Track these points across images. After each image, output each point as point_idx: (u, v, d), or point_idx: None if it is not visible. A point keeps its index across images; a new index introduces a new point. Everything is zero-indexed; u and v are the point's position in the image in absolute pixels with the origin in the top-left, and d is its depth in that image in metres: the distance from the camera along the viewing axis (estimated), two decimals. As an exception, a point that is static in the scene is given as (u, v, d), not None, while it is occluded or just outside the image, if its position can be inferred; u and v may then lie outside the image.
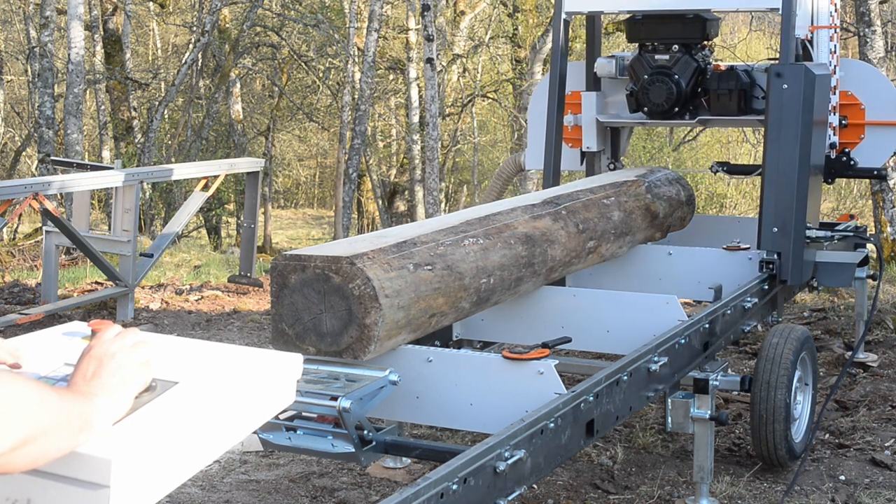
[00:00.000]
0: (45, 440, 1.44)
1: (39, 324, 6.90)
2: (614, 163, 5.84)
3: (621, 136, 5.93)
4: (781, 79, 4.69)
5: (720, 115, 5.31)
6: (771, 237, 4.70)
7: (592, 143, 5.70)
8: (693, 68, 5.31)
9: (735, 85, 5.23)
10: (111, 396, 1.56)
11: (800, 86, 4.64)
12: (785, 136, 4.68)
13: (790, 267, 4.68)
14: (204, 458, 1.64)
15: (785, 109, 4.66)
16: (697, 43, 5.34)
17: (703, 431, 3.77)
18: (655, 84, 5.29)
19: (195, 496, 4.20)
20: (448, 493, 2.47)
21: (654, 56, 5.35)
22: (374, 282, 3.08)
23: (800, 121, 4.66)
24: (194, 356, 1.78)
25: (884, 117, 5.45)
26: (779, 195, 4.69)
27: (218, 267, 10.08)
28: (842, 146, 5.46)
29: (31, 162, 21.14)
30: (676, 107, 5.30)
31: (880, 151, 5.48)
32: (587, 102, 5.68)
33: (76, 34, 13.62)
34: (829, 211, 20.87)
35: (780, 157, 4.68)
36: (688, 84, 5.29)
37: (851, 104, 5.47)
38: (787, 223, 4.69)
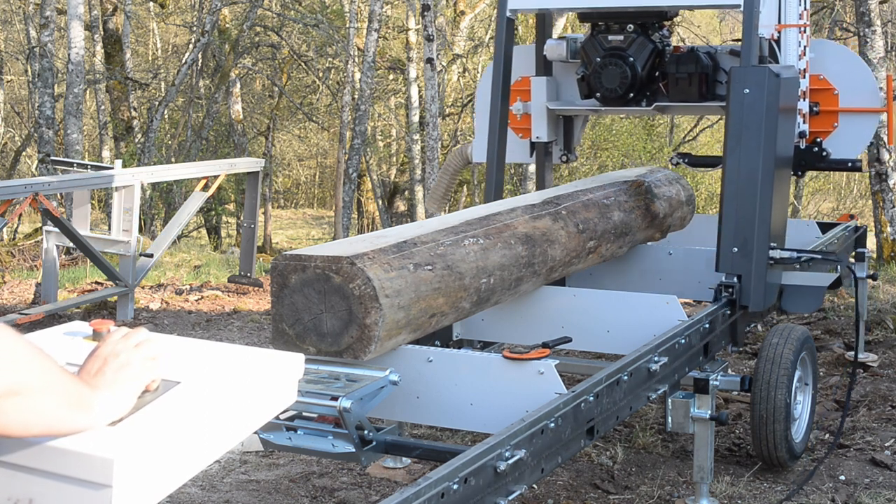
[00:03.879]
0: (37, 399, 1.45)
1: (39, 324, 6.90)
2: (567, 154, 5.44)
3: (575, 125, 5.49)
4: (743, 82, 4.24)
5: (679, 101, 4.88)
6: (730, 258, 4.23)
7: (543, 133, 5.26)
8: (649, 50, 4.85)
9: (696, 68, 4.79)
10: (114, 390, 1.57)
11: (762, 90, 4.20)
12: (746, 147, 4.23)
13: (752, 291, 4.21)
14: (206, 458, 1.64)
15: (746, 116, 4.21)
16: (655, 23, 4.89)
17: (703, 431, 3.77)
18: (608, 67, 4.84)
19: (195, 496, 4.20)
20: (448, 492, 2.47)
21: (607, 37, 4.89)
22: (375, 282, 3.08)
23: (762, 129, 4.21)
24: (196, 356, 1.78)
25: (859, 103, 5.02)
26: (739, 212, 4.23)
27: (218, 267, 10.09)
28: (813, 135, 5.04)
29: (31, 162, 21.13)
30: (631, 92, 4.86)
31: (855, 141, 5.07)
32: (537, 88, 5.23)
33: (76, 34, 13.63)
34: (829, 211, 20.88)
35: (740, 169, 4.22)
36: (644, 67, 4.85)
37: (823, 89, 5.03)
38: (748, 242, 4.22)
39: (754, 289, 4.22)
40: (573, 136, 5.47)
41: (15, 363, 1.43)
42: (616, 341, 4.06)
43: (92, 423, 1.52)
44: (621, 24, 4.85)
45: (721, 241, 4.26)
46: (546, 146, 5.35)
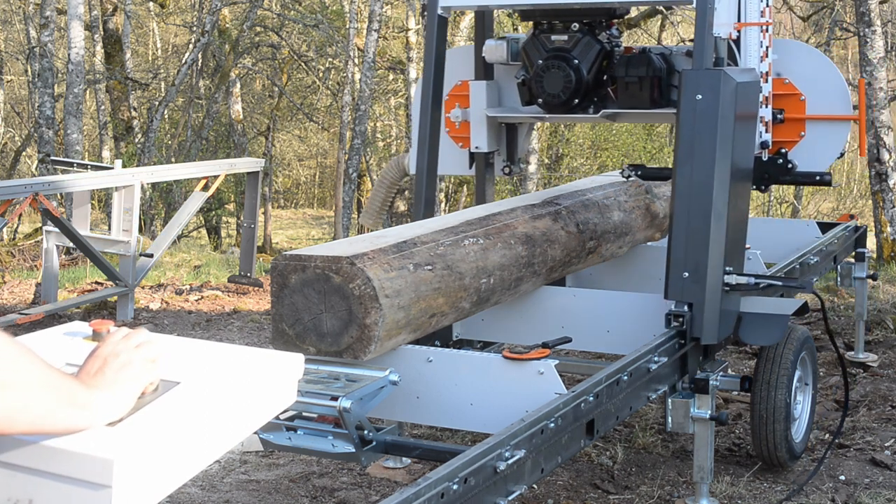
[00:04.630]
0: (23, 395, 1.45)
1: (39, 324, 6.91)
2: (510, 166, 4.92)
3: (519, 133, 4.98)
4: (695, 87, 3.76)
5: (630, 107, 4.40)
6: (680, 284, 3.78)
7: (482, 143, 4.76)
8: (596, 51, 4.38)
9: (647, 71, 4.32)
10: (114, 391, 1.57)
11: (717, 96, 3.72)
12: (699, 159, 3.74)
13: (704, 322, 3.77)
14: (206, 458, 1.65)
15: (699, 124, 3.74)
16: (602, 21, 4.42)
17: (703, 431, 3.77)
18: (551, 71, 4.36)
19: (195, 496, 4.20)
20: (448, 493, 2.47)
21: (550, 37, 4.42)
22: (375, 282, 3.09)
23: (717, 139, 3.73)
24: (196, 356, 1.78)
25: (828, 110, 4.48)
26: (691, 232, 3.76)
27: (218, 267, 10.09)
28: (777, 145, 4.50)
29: (31, 162, 21.14)
30: (577, 98, 4.38)
31: (824, 152, 4.52)
32: (475, 94, 4.75)
33: (76, 34, 13.63)
34: (829, 211, 20.88)
35: (692, 184, 3.76)
36: (590, 70, 4.37)
37: (788, 94, 4.50)
38: (700, 266, 3.75)
39: (707, 319, 3.76)
40: (517, 146, 4.97)
41: None
42: (616, 341, 4.06)
43: (89, 422, 1.52)
44: (565, 22, 4.40)
45: (670, 264, 3.80)
46: (486, 157, 4.87)
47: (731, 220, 3.84)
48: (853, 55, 21.70)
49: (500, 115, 4.78)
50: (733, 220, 3.86)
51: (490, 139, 4.79)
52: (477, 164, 4.89)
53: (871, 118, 10.16)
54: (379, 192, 5.47)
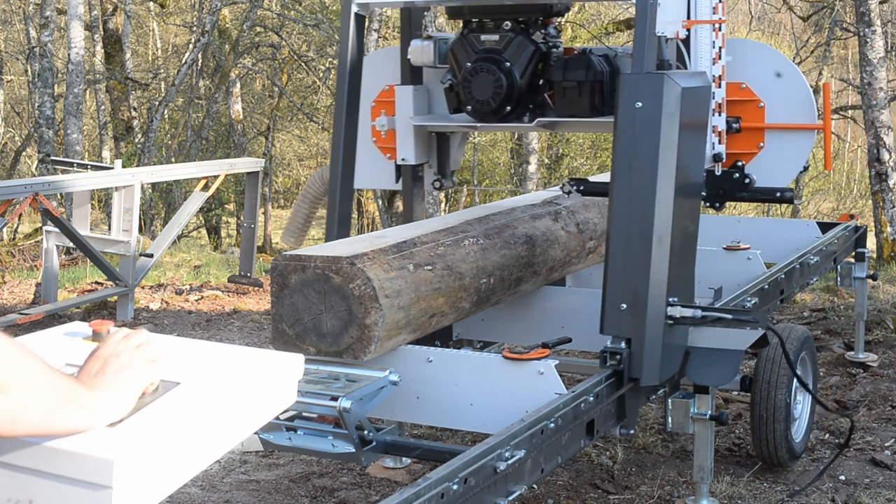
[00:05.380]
0: (25, 397, 1.45)
1: (39, 324, 6.91)
2: (441, 179, 4.45)
3: (451, 143, 4.48)
4: (634, 93, 3.33)
5: (568, 115, 3.93)
6: (617, 317, 3.34)
7: (409, 154, 4.29)
8: (530, 53, 3.90)
9: (587, 75, 3.85)
10: (114, 391, 1.57)
11: (658, 103, 3.29)
12: (638, 175, 3.32)
13: (644, 360, 3.34)
14: (206, 459, 1.65)
15: (639, 136, 3.32)
16: (538, 19, 3.97)
17: (703, 431, 3.77)
18: (479, 74, 3.90)
19: (195, 496, 4.20)
20: (448, 493, 2.47)
21: (479, 37, 3.96)
22: (375, 282, 3.09)
23: (659, 152, 3.30)
24: (196, 357, 1.78)
25: (790, 118, 4.04)
26: (629, 257, 3.33)
27: (218, 267, 10.09)
28: (732, 158, 4.04)
29: (31, 162, 21.14)
30: (508, 105, 3.91)
31: (785, 165, 4.06)
32: (401, 100, 4.28)
33: (76, 34, 13.63)
34: (829, 211, 20.89)
35: (631, 203, 3.33)
36: (523, 74, 3.90)
37: (746, 101, 4.07)
38: (639, 297, 3.32)
39: (647, 357, 3.33)
40: (449, 158, 4.47)
41: (0, 361, 1.44)
42: (616, 341, 4.05)
43: (90, 423, 1.53)
44: (497, 21, 3.95)
45: (606, 294, 3.37)
46: (415, 169, 4.40)
47: (677, 243, 3.39)
48: (853, 55, 21.70)
49: (427, 123, 4.31)
50: (679, 244, 3.43)
51: (418, 150, 4.32)
52: (404, 177, 4.41)
53: (871, 118, 10.16)
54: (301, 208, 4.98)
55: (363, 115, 4.23)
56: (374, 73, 4.29)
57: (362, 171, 4.24)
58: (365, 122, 4.27)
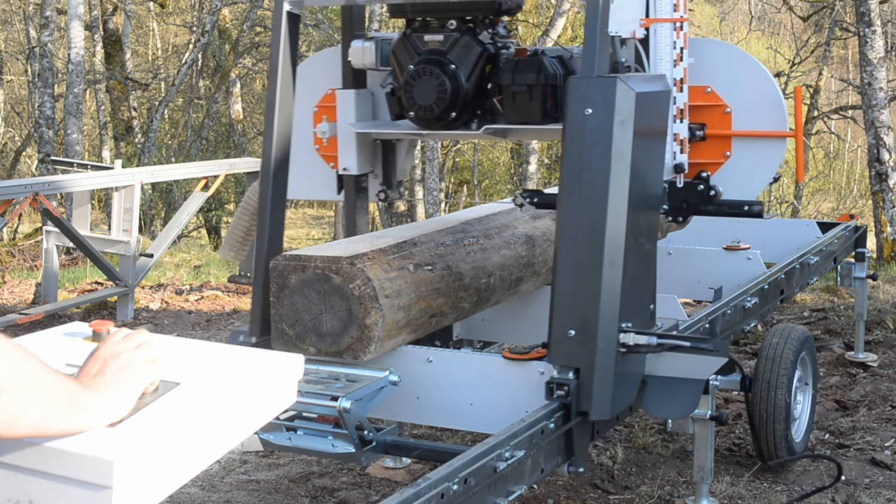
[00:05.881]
0: (24, 399, 1.45)
1: (39, 324, 6.91)
2: (386, 191, 4.12)
3: (398, 152, 4.15)
4: (583, 99, 3.04)
5: (518, 122, 3.59)
6: (565, 345, 3.05)
7: (352, 164, 3.98)
8: (476, 54, 3.58)
9: (538, 78, 3.52)
10: (114, 392, 1.57)
11: (610, 110, 3.01)
12: (588, 189, 3.03)
13: (594, 392, 3.05)
14: (206, 459, 1.65)
15: (589, 145, 3.02)
16: (485, 17, 3.63)
17: (703, 431, 3.77)
18: (422, 78, 3.58)
19: (195, 496, 4.21)
20: (448, 493, 2.47)
21: (423, 37, 3.66)
22: (375, 282, 3.09)
23: (610, 164, 3.02)
24: (196, 357, 1.78)
25: (760, 126, 3.71)
26: (578, 279, 3.04)
27: (218, 267, 10.09)
28: (696, 168, 3.73)
29: (31, 162, 21.14)
30: (453, 110, 3.58)
31: (754, 176, 3.75)
32: (343, 105, 3.96)
33: (76, 34, 13.64)
34: (829, 211, 20.90)
35: (580, 220, 3.04)
36: (469, 77, 3.58)
37: (711, 106, 3.73)
38: (589, 323, 3.03)
39: (598, 388, 3.05)
40: (395, 167, 4.14)
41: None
42: (616, 341, 4.05)
43: (89, 424, 1.52)
44: (442, 20, 3.64)
45: (552, 320, 3.08)
46: (358, 180, 4.07)
47: (631, 263, 3.11)
48: (853, 55, 21.71)
49: (370, 131, 3.98)
50: (634, 264, 3.14)
51: (361, 159, 4.01)
52: (346, 188, 4.09)
53: (871, 118, 10.16)
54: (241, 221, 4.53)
55: (306, 122, 4.02)
56: (316, 76, 4.04)
57: (303, 180, 4.03)
58: (308, 129, 4.04)
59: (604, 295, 3.03)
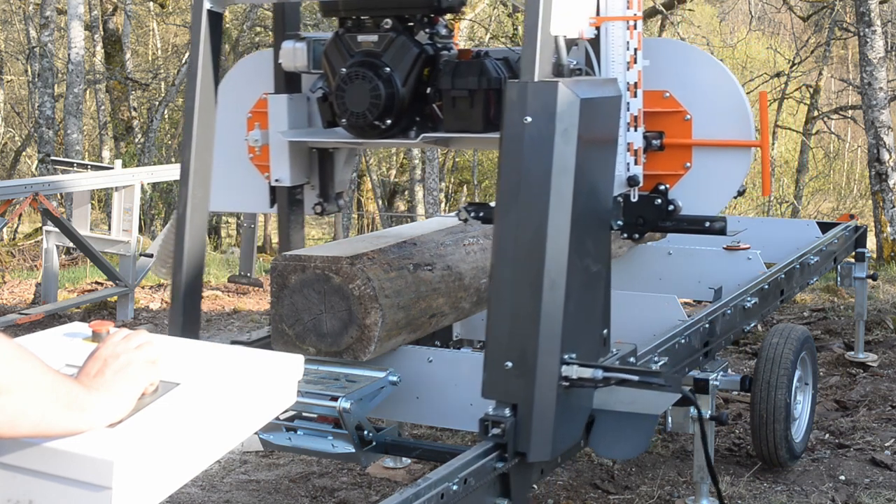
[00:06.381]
0: (24, 399, 1.46)
1: (39, 324, 6.91)
2: (323, 203, 3.81)
3: (336, 162, 3.83)
4: (521, 106, 2.73)
5: (458, 130, 3.26)
6: (501, 378, 2.75)
7: (284, 174, 3.67)
8: (413, 56, 3.29)
9: (480, 82, 3.20)
10: (112, 392, 1.57)
11: (551, 118, 2.70)
12: (526, 206, 2.73)
13: (533, 431, 2.74)
14: (205, 459, 1.65)
15: (528, 157, 2.73)
16: (423, 16, 3.34)
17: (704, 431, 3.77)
18: (354, 82, 3.28)
19: (195, 496, 4.21)
20: (448, 493, 2.47)
21: (356, 37, 3.35)
22: (374, 282, 3.09)
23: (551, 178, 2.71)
24: (196, 357, 1.78)
25: (722, 134, 3.41)
26: (515, 305, 2.74)
27: (218, 267, 10.09)
28: (653, 180, 3.43)
29: (31, 162, 21.15)
30: (388, 117, 3.27)
31: (716, 189, 3.44)
32: (275, 111, 3.65)
33: (76, 34, 13.64)
34: (829, 211, 20.90)
35: (517, 240, 2.75)
36: (406, 81, 3.28)
37: (670, 113, 3.42)
38: (527, 354, 2.73)
39: (537, 426, 2.74)
40: (333, 178, 3.82)
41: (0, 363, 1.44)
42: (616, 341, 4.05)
43: (89, 424, 1.53)
44: (376, 18, 3.35)
45: (488, 350, 2.79)
46: (292, 192, 3.76)
47: (575, 287, 2.81)
48: (853, 55, 21.71)
49: (302, 139, 3.67)
50: (579, 288, 2.83)
51: (295, 169, 3.70)
52: (279, 200, 3.79)
53: (871, 118, 10.16)
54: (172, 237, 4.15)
55: (239, 129, 3.76)
56: (249, 79, 3.77)
57: (234, 191, 3.80)
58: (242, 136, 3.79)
59: (544, 322, 2.71)
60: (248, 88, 3.78)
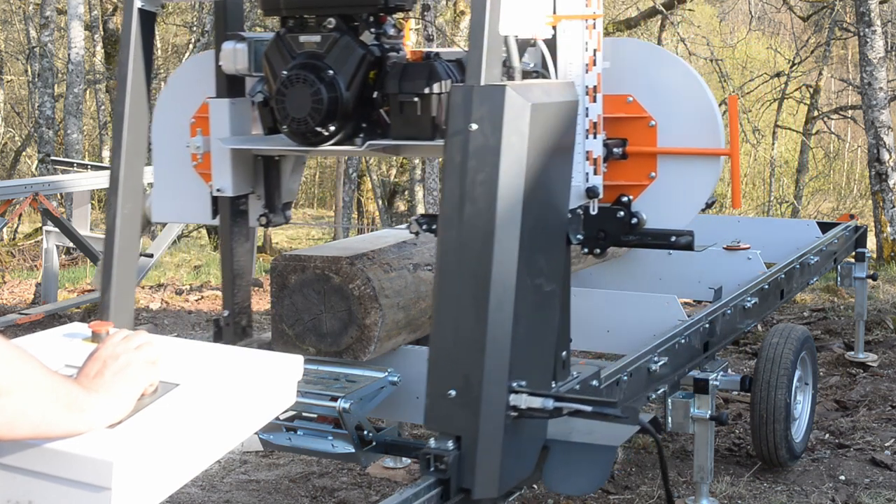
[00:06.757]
0: (23, 400, 1.46)
1: (39, 324, 6.91)
2: (268, 215, 3.52)
3: (282, 170, 3.54)
4: (465, 113, 2.49)
5: (406, 137, 3.02)
6: (444, 408, 2.52)
7: (226, 183, 3.42)
8: (358, 58, 3.04)
9: (429, 86, 2.99)
10: (112, 393, 1.57)
11: (498, 126, 2.46)
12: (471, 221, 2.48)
13: (477, 465, 2.51)
14: (205, 460, 1.65)
15: (473, 168, 2.47)
16: (369, 15, 3.09)
17: (703, 431, 3.78)
18: (295, 86, 3.04)
19: (195, 496, 4.21)
20: (448, 493, 2.46)
21: (298, 38, 3.12)
22: (374, 282, 3.09)
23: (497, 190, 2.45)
24: (195, 358, 1.78)
25: (690, 142, 3.15)
26: (459, 328, 2.50)
27: (218, 267, 10.09)
28: (615, 191, 3.18)
29: (31, 162, 21.14)
30: (331, 123, 3.02)
31: (683, 201, 3.18)
32: (216, 117, 3.41)
33: (76, 34, 13.64)
34: (829, 211, 20.90)
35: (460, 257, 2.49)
36: (350, 84, 3.03)
37: (633, 119, 3.18)
38: (472, 382, 2.48)
39: (482, 461, 2.51)
40: (280, 187, 3.54)
41: None
42: (616, 341, 4.05)
43: (89, 425, 1.52)
44: (320, 17, 3.11)
45: (430, 377, 2.56)
46: (235, 202, 3.47)
47: (525, 308, 2.57)
48: (853, 55, 21.72)
49: (242, 146, 3.40)
50: (529, 310, 2.60)
51: (238, 179, 3.45)
52: (221, 211, 3.49)
53: (871, 118, 10.16)
54: None
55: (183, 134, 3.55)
56: (194, 81, 3.54)
57: (176, 200, 3.58)
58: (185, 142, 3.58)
59: (490, 347, 2.47)
60: (193, 91, 3.53)
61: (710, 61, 17.30)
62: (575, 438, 2.73)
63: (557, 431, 2.74)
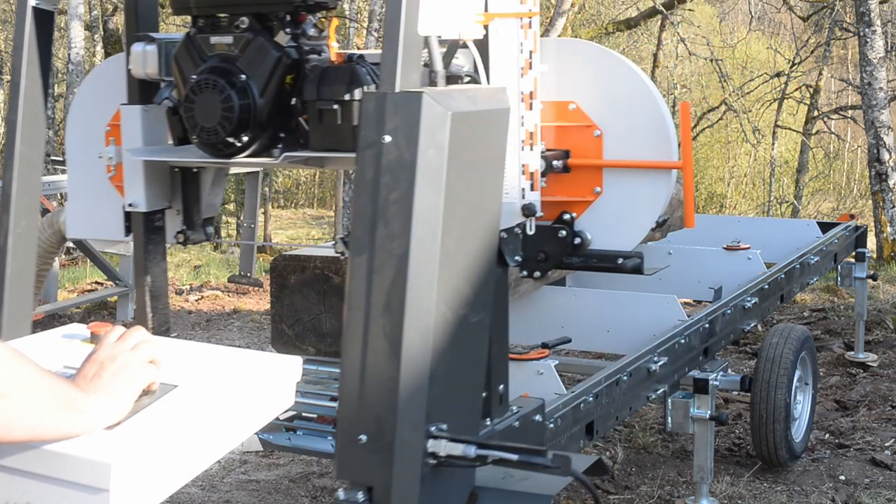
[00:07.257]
0: (18, 402, 1.46)
1: (39, 324, 6.91)
2: (186, 232, 3.19)
3: (201, 182, 3.22)
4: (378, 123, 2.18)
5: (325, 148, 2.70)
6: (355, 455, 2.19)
7: (139, 197, 3.10)
8: (273, 60, 2.74)
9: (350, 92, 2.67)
10: (110, 394, 1.57)
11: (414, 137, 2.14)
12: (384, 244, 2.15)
13: None
14: (204, 462, 1.64)
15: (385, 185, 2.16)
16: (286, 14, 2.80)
17: (703, 431, 3.77)
18: (204, 92, 2.74)
19: (195, 496, 4.20)
20: (447, 494, 2.45)
21: (209, 39, 2.83)
22: (374, 283, 3.08)
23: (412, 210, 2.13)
24: (194, 359, 1.78)
25: (639, 153, 2.90)
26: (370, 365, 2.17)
27: (218, 267, 10.10)
28: (557, 208, 2.93)
29: (31, 162, 21.15)
30: (244, 133, 2.72)
31: (631, 219, 2.94)
32: (127, 125, 3.10)
33: (76, 34, 13.65)
34: (829, 211, 20.91)
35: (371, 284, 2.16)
36: (264, 90, 2.74)
37: (576, 127, 2.92)
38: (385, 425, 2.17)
39: None
40: (199, 201, 3.23)
41: None
42: (616, 341, 4.05)
43: (87, 427, 1.52)
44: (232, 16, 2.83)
45: (339, 420, 2.23)
46: (150, 218, 3.14)
47: (446, 343, 2.26)
48: (853, 55, 21.72)
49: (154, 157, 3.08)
50: (452, 343, 2.28)
51: (152, 192, 3.13)
52: (135, 227, 3.16)
53: (871, 118, 10.16)
54: None
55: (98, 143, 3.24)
56: (110, 85, 3.22)
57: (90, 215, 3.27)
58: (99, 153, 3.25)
59: (403, 387, 2.15)
60: (109, 96, 3.21)
61: (710, 61, 17.31)
62: (507, 486, 2.44)
63: (489, 478, 2.43)
